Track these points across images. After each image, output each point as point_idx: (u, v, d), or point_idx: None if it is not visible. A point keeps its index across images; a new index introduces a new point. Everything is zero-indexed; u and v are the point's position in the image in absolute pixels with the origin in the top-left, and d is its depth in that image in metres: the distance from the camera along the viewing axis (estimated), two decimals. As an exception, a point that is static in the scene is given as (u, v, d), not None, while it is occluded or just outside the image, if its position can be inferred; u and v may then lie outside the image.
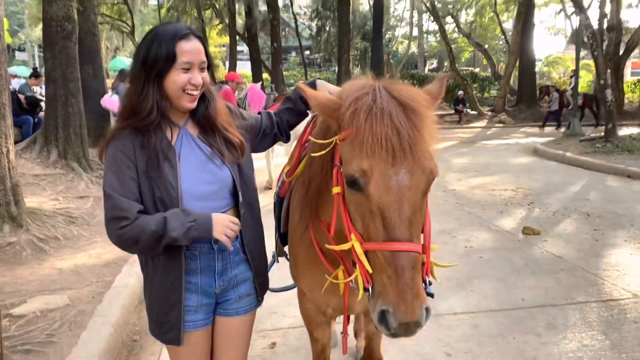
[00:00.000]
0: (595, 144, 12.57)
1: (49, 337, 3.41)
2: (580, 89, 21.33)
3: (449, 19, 32.08)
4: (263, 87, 12.96)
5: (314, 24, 35.34)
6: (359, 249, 1.49)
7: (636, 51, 26.37)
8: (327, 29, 32.50)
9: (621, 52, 21.80)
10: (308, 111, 2.20)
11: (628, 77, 33.01)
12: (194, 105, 1.83)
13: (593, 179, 9.63)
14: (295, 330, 3.77)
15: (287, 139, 2.26)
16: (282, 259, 2.79)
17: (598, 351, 3.42)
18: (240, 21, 28.87)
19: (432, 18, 28.66)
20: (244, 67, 36.68)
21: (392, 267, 1.40)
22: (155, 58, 1.74)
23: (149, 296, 1.93)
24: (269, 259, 2.86)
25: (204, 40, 1.86)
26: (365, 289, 1.49)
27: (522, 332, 3.69)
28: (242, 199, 1.91)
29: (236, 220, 1.83)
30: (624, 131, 15.27)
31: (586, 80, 34.79)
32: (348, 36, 21.97)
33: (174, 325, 1.88)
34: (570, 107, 20.01)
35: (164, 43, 1.74)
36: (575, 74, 16.92)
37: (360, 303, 2.15)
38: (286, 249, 2.52)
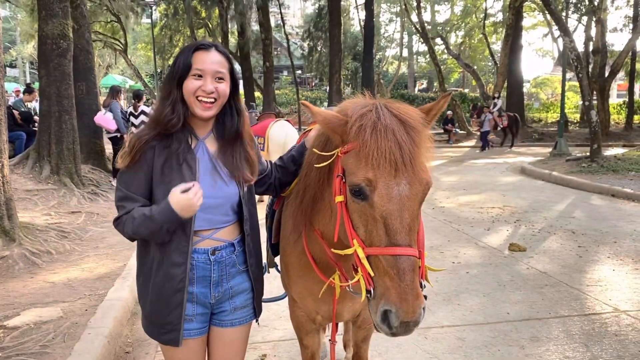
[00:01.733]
0: (581, 164, 12.82)
1: (43, 348, 3.45)
2: (566, 110, 21.69)
3: (438, 40, 32.59)
4: (251, 106, 13.00)
5: (305, 44, 35.72)
6: (361, 254, 1.61)
7: (621, 73, 26.94)
8: (319, 49, 32.83)
9: (606, 75, 22.26)
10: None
11: (614, 99, 33.64)
12: (208, 113, 1.89)
13: (578, 197, 9.82)
14: (285, 343, 3.84)
15: (275, 195, 2.35)
16: (272, 271, 2.88)
17: (579, 363, 3.53)
18: (233, 40, 29.15)
19: (421, 39, 29.09)
20: (235, 85, 36.82)
21: (395, 270, 1.52)
22: (177, 68, 1.89)
23: (150, 296, 1.94)
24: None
25: (229, 57, 1.97)
26: (367, 291, 1.60)
27: (507, 345, 3.79)
28: (246, 215, 2.00)
29: (188, 185, 1.78)
30: (610, 151, 15.58)
31: (574, 101, 35.38)
32: (339, 56, 22.25)
33: (175, 326, 1.92)
34: (497, 128, 20.24)
35: (185, 54, 1.90)
36: (562, 95, 17.23)
37: (349, 310, 2.25)
38: (277, 259, 2.61)
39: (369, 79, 22.81)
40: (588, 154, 13.34)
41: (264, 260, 2.91)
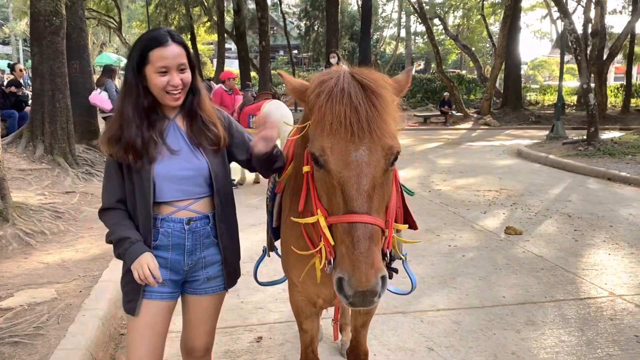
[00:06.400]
0: (577, 147, 12.80)
1: (36, 329, 3.43)
2: (563, 93, 21.58)
3: (436, 21, 32.30)
4: (247, 85, 12.82)
5: (302, 24, 35.36)
6: (322, 223, 1.59)
7: (619, 56, 26.79)
8: (316, 28, 32.51)
9: (605, 57, 22.13)
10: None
11: (611, 82, 33.54)
12: (178, 102, 2.04)
13: (575, 181, 9.82)
14: (281, 325, 3.83)
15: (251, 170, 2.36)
16: (272, 254, 2.85)
17: (575, 347, 3.53)
18: (228, 19, 28.80)
19: (419, 20, 28.81)
20: (232, 65, 36.58)
21: (350, 238, 1.49)
22: (133, 60, 1.99)
23: (123, 267, 2.10)
24: (260, 253, 2.92)
25: (184, 43, 2.05)
26: (329, 261, 1.58)
27: (503, 328, 3.79)
28: (216, 188, 2.09)
29: (154, 264, 1.98)
30: (606, 135, 15.55)
31: (570, 84, 35.23)
32: (336, 36, 22.03)
33: (134, 297, 2.05)
34: None
35: (140, 48, 1.98)
36: (560, 78, 17.15)
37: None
38: (277, 243, 2.57)
39: (366, 59, 22.58)
40: (585, 137, 13.30)
41: (264, 244, 2.89)
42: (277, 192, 2.34)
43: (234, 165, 2.32)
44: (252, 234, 6.17)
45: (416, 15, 28.79)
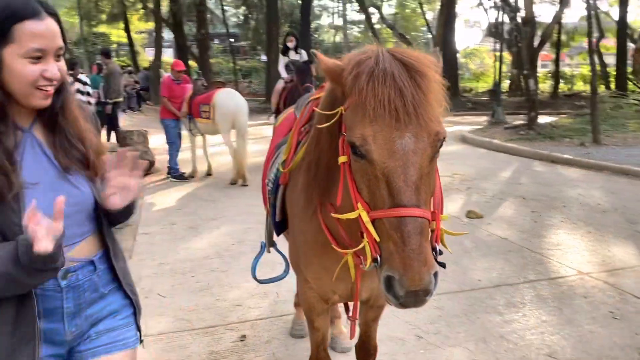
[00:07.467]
0: (519, 132, 13.25)
1: None
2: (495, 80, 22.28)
3: (372, 9, 32.54)
4: (198, 74, 12.38)
5: (240, 11, 34.75)
6: (365, 218, 1.45)
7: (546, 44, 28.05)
8: (254, 16, 32.00)
9: (536, 45, 23.05)
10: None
11: (538, 69, 35.08)
12: (48, 102, 1.40)
13: (521, 164, 10.14)
14: (264, 322, 3.69)
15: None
16: (247, 249, 2.70)
17: (557, 326, 3.60)
18: (164, 7, 27.81)
19: (358, 5, 28.92)
20: (166, 54, 35.43)
21: (399, 234, 1.37)
22: None
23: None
24: (230, 247, 2.76)
25: (60, 17, 1.41)
26: (374, 259, 1.45)
27: (485, 312, 3.82)
28: (106, 221, 1.56)
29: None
30: (540, 119, 16.22)
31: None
32: (277, 24, 21.76)
33: None
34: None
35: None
36: (499, 64, 17.72)
37: (366, 289, 2.11)
38: (277, 239, 2.42)
39: (307, 48, 22.46)
40: (525, 121, 13.78)
41: (262, 239, 2.72)
42: (282, 183, 2.19)
43: (184, 157, 1.99)
44: (213, 228, 5.94)
45: (354, 2, 28.90)
